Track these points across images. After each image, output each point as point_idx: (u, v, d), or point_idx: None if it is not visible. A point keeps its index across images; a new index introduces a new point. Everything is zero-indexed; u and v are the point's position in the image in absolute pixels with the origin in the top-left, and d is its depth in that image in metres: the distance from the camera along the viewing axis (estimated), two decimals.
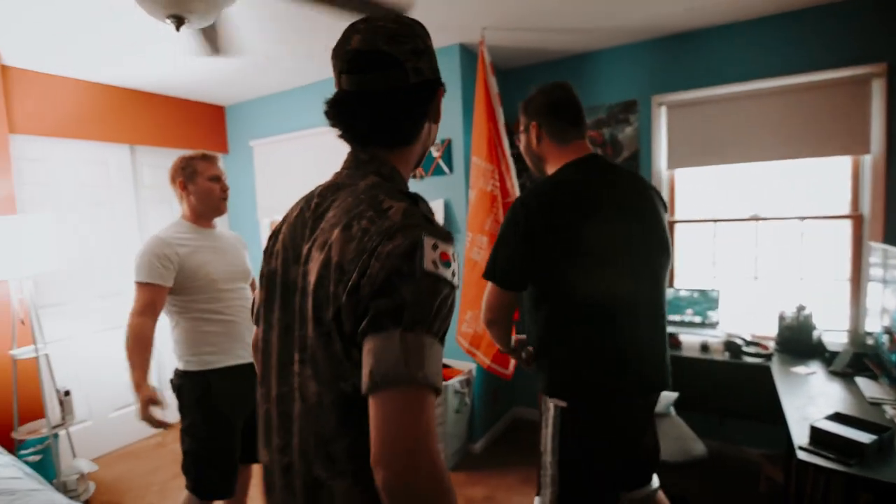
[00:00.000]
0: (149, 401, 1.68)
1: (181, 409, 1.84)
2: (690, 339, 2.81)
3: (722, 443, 2.88)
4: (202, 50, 2.22)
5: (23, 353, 2.57)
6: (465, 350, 2.84)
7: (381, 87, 0.79)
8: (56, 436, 2.62)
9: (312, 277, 0.73)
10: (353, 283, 0.67)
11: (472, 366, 3.01)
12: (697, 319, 2.88)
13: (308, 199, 0.84)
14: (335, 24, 2.54)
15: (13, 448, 2.54)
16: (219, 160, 1.98)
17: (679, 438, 2.16)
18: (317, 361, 0.73)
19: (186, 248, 1.82)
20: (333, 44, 0.83)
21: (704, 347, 2.71)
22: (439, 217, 3.02)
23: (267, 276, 0.85)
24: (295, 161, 3.72)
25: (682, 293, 2.92)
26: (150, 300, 1.74)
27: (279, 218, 2.98)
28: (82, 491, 2.66)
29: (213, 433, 1.81)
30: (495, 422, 3.32)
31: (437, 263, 0.68)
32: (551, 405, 1.38)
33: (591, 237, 1.31)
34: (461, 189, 2.99)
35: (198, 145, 3.88)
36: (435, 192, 3.09)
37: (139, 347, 1.72)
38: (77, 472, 2.67)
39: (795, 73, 2.57)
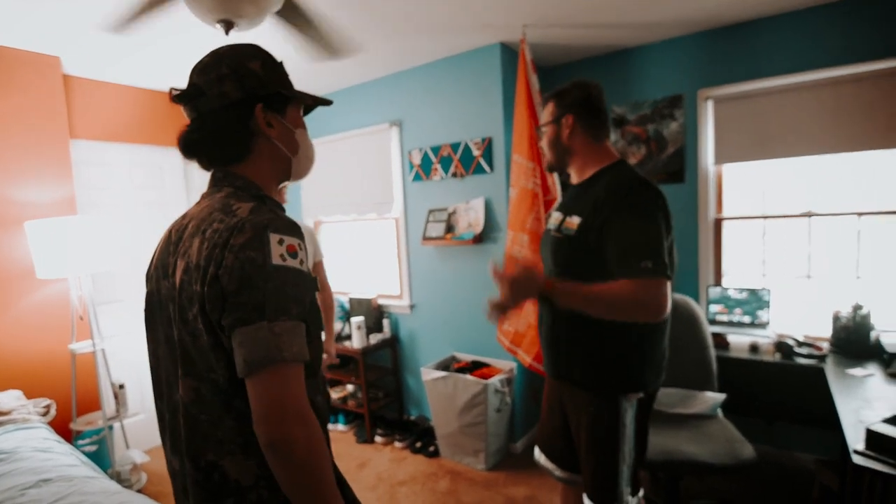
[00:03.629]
0: None
1: None
2: (739, 340, 2.73)
3: (772, 448, 2.79)
4: (317, 55, 2.21)
5: (81, 347, 2.68)
6: (506, 348, 2.83)
7: (193, 114, 0.89)
8: (111, 427, 2.72)
9: (177, 283, 0.82)
10: (211, 275, 0.76)
11: (514, 364, 2.99)
12: (747, 319, 2.79)
13: (178, 220, 0.92)
14: (375, 29, 2.60)
15: (71, 438, 2.66)
16: None
17: (727, 441, 2.10)
18: (191, 360, 0.81)
19: None
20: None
21: (754, 348, 2.63)
22: (479, 216, 3.02)
23: (147, 299, 0.94)
24: (335, 162, 3.78)
25: (731, 292, 2.84)
26: None
27: (323, 218, 3.12)
28: (135, 481, 2.75)
29: None
30: (537, 421, 3.29)
31: (284, 256, 0.77)
32: (633, 399, 1.47)
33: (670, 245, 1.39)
34: (502, 187, 2.98)
35: None
36: (475, 191, 3.10)
37: None
38: (130, 462, 2.76)
39: (849, 63, 2.47)
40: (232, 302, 0.74)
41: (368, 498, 2.66)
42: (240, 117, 0.88)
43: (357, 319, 3.26)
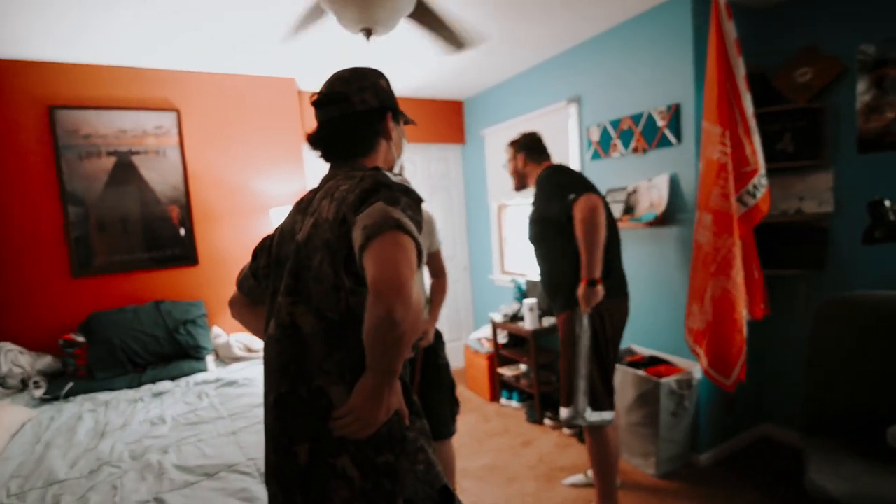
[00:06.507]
0: None
1: None
2: None
3: None
4: (447, 50, 2.47)
5: None
6: (690, 348, 2.48)
7: (336, 113, 1.08)
8: None
9: (303, 238, 0.96)
10: (339, 219, 0.89)
11: (696, 366, 2.60)
12: None
13: (305, 195, 1.10)
14: (548, 8, 2.51)
15: None
16: None
17: None
18: (310, 300, 0.93)
19: None
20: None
21: None
22: (663, 194, 2.68)
23: (270, 260, 1.09)
24: None
25: None
26: None
27: (506, 202, 4.25)
28: None
29: None
30: (732, 436, 2.80)
31: (400, 182, 0.91)
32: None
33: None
34: (691, 161, 2.58)
35: (439, 139, 4.35)
36: (659, 167, 2.75)
37: None
38: None
39: None
40: (355, 213, 0.87)
41: (526, 475, 2.69)
42: (374, 121, 1.10)
43: (530, 301, 3.27)
